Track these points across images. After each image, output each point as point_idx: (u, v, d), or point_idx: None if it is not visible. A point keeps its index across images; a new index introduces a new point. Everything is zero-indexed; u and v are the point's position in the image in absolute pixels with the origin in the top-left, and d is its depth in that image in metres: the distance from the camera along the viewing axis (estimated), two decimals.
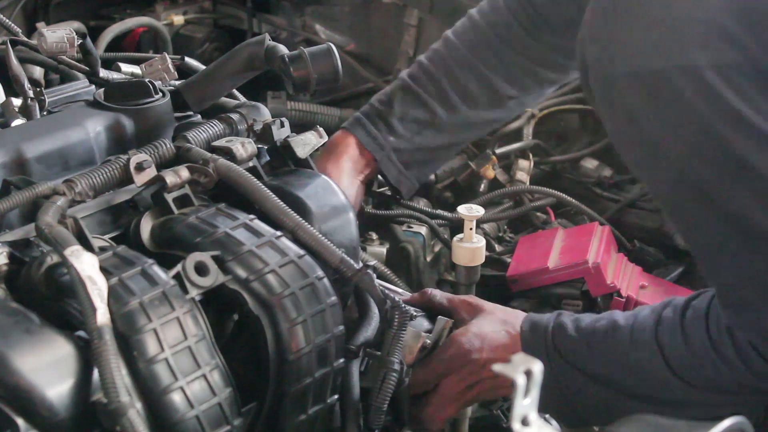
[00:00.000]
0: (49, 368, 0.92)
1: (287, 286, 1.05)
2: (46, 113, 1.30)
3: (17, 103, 1.29)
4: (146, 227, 1.10)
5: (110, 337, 0.91)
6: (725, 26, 1.01)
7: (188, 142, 1.20)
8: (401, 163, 1.66)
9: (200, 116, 1.37)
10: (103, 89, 1.29)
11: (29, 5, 2.44)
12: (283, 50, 1.31)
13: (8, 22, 1.61)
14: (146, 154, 1.15)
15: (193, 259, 1.01)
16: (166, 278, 0.99)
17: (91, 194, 1.09)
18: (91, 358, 0.92)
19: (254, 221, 1.10)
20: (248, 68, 1.35)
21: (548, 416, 1.32)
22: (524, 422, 0.73)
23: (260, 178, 1.20)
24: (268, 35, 1.35)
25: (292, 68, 1.29)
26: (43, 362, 0.92)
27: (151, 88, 1.27)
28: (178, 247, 1.08)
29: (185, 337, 0.97)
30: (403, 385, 1.18)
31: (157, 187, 1.11)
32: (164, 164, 1.16)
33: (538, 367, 0.72)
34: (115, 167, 1.11)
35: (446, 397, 1.28)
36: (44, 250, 1.03)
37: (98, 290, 0.92)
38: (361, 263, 1.14)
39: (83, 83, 1.42)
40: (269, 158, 1.30)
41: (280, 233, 1.09)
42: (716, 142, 1.03)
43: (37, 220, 1.00)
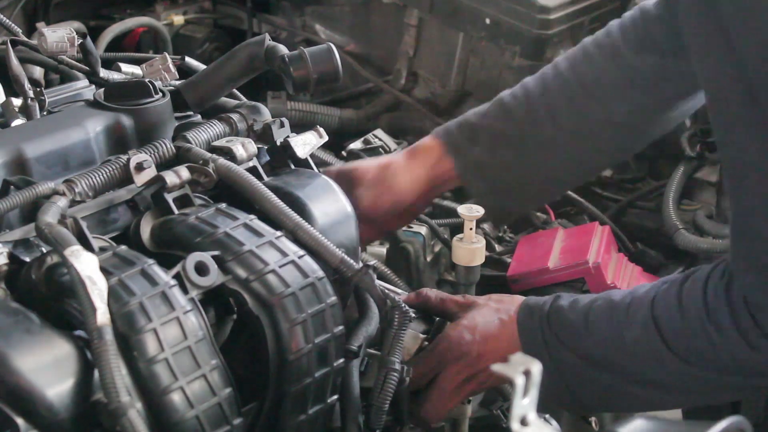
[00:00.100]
0: (49, 368, 0.92)
1: (287, 286, 1.05)
2: (46, 113, 1.30)
3: (17, 103, 1.29)
4: (146, 227, 1.10)
5: (110, 337, 0.91)
6: None
7: (188, 142, 1.20)
8: (487, 179, 1.55)
9: (200, 116, 1.37)
10: (103, 89, 1.29)
11: (29, 5, 2.44)
12: (283, 50, 1.31)
13: (8, 22, 1.61)
14: (146, 154, 1.15)
15: (193, 259, 1.01)
16: (166, 278, 0.99)
17: (91, 194, 1.09)
18: (91, 358, 0.92)
19: (254, 221, 1.10)
20: (248, 68, 1.35)
21: (548, 416, 1.32)
22: (523, 422, 0.73)
23: (260, 178, 1.20)
24: (268, 35, 1.35)
25: (292, 68, 1.29)
26: (43, 362, 0.92)
27: (151, 88, 1.27)
28: (178, 247, 1.08)
29: (185, 337, 0.97)
30: (403, 384, 1.18)
31: (157, 187, 1.11)
32: (164, 164, 1.16)
33: (536, 367, 0.72)
34: (115, 167, 1.11)
35: (444, 391, 1.28)
36: (44, 250, 1.03)
37: (98, 290, 0.92)
38: (361, 263, 1.14)
39: (83, 83, 1.42)
40: (269, 158, 1.30)
41: (280, 233, 1.09)
42: None
43: (37, 220, 1.00)
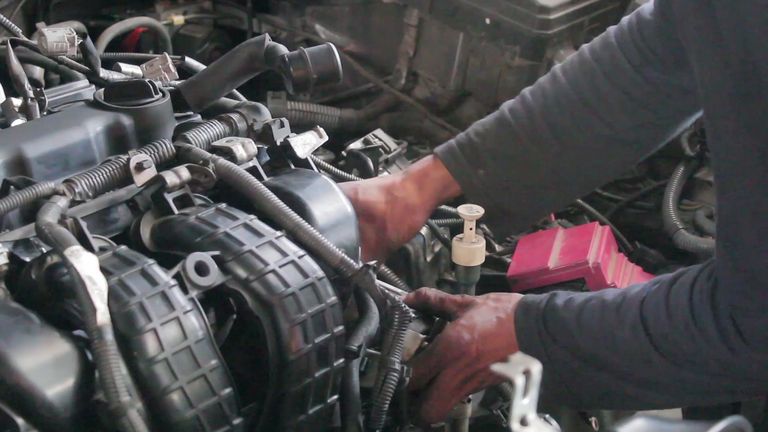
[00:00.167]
0: (49, 368, 0.92)
1: (287, 286, 1.05)
2: (46, 113, 1.30)
3: (17, 103, 1.29)
4: (146, 227, 1.11)
5: (110, 337, 0.91)
6: None
7: (188, 142, 1.20)
8: (493, 200, 1.55)
9: (200, 116, 1.37)
10: (103, 89, 1.29)
11: (29, 5, 2.43)
12: (283, 50, 1.31)
13: (8, 22, 1.61)
14: (146, 154, 1.15)
15: (193, 259, 1.01)
16: (166, 278, 0.99)
17: (91, 194, 1.09)
18: (91, 358, 0.92)
19: (254, 221, 1.10)
20: (248, 68, 1.35)
21: (548, 416, 1.32)
22: (523, 422, 0.73)
23: (260, 178, 1.20)
24: (268, 35, 1.35)
25: (292, 68, 1.29)
26: (43, 362, 0.92)
27: (151, 88, 1.27)
28: (178, 247, 1.08)
29: (185, 337, 0.97)
30: (403, 384, 1.18)
31: (157, 187, 1.11)
32: (164, 164, 1.16)
33: (536, 367, 0.72)
34: (115, 167, 1.11)
35: (444, 391, 1.28)
36: (44, 250, 1.03)
37: (98, 290, 0.92)
38: (361, 263, 1.14)
39: (83, 83, 1.42)
40: (269, 158, 1.30)
41: (280, 233, 1.09)
42: None
43: (37, 220, 1.00)
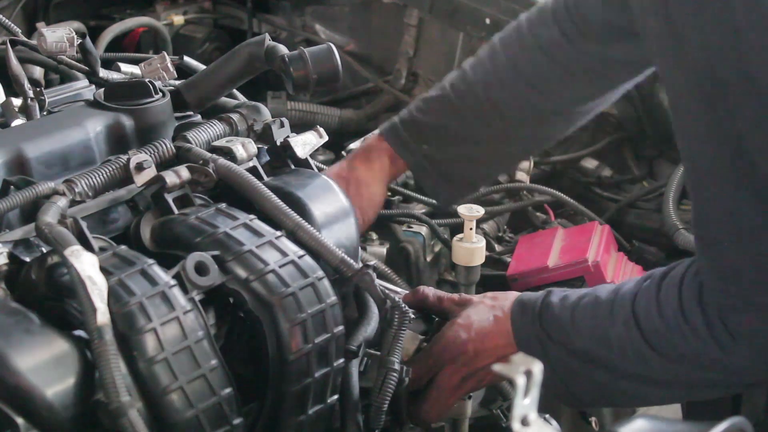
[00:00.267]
0: (49, 368, 0.92)
1: (287, 286, 1.05)
2: (46, 113, 1.30)
3: (17, 103, 1.29)
4: (146, 227, 1.11)
5: (110, 337, 0.91)
6: None
7: (188, 142, 1.20)
8: (439, 173, 1.57)
9: (200, 116, 1.37)
10: (103, 89, 1.29)
11: (29, 5, 2.44)
12: (283, 50, 1.31)
13: (8, 22, 1.61)
14: (146, 154, 1.15)
15: (193, 259, 1.01)
16: (166, 278, 0.99)
17: (91, 194, 1.09)
18: (91, 358, 0.92)
19: (254, 221, 1.10)
20: (248, 68, 1.35)
21: (548, 416, 1.31)
22: (524, 422, 0.73)
23: (260, 178, 1.20)
24: (268, 35, 1.35)
25: (292, 68, 1.29)
26: (43, 362, 0.92)
27: (151, 88, 1.27)
28: (178, 247, 1.08)
29: (185, 337, 0.97)
30: (403, 384, 1.18)
31: (157, 187, 1.11)
32: (164, 164, 1.16)
33: (537, 367, 0.72)
34: (115, 167, 1.11)
35: (443, 390, 1.28)
36: (44, 250, 1.03)
37: (98, 290, 0.92)
38: (361, 263, 1.14)
39: (83, 83, 1.42)
40: (269, 158, 1.30)
41: (280, 233, 1.09)
42: (738, 50, 1.00)
43: (37, 220, 1.00)
